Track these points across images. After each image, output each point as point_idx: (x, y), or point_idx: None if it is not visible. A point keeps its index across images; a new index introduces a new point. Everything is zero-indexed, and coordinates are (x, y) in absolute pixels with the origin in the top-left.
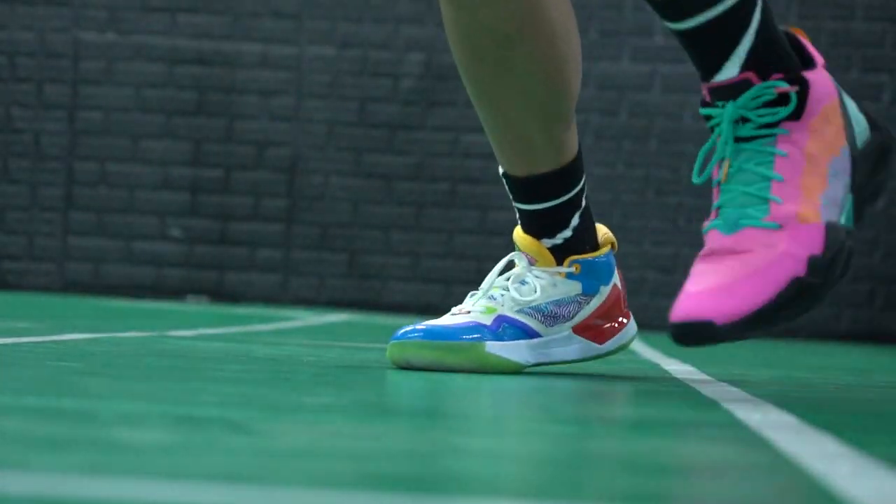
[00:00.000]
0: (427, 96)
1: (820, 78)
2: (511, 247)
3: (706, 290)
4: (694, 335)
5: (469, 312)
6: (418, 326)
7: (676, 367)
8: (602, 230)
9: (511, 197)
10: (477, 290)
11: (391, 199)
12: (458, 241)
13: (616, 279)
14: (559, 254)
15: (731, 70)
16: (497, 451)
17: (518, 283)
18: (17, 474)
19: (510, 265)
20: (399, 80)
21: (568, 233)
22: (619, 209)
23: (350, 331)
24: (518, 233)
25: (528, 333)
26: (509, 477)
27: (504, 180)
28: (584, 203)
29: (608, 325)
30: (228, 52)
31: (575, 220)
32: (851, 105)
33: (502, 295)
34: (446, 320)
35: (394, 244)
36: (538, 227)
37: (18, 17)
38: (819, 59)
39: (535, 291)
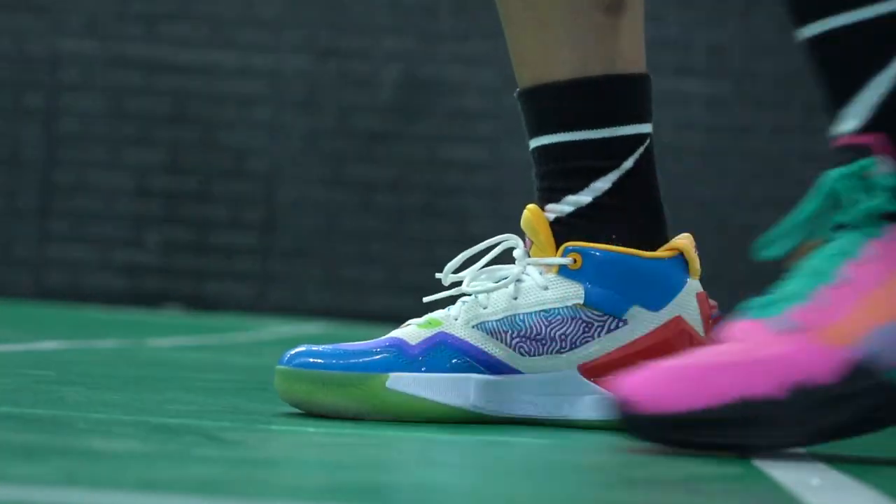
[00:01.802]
0: (406, 107)
1: None
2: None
3: (667, 368)
4: (623, 419)
5: (408, 325)
6: (313, 348)
7: None
8: (681, 238)
9: (526, 132)
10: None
11: (369, 209)
12: (437, 252)
13: (684, 308)
14: (564, 236)
15: (849, 122)
16: (469, 463)
17: (495, 280)
18: None
19: (508, 251)
20: (378, 91)
21: (584, 198)
22: None
23: (327, 341)
24: (531, 206)
25: (481, 362)
26: (483, 487)
27: (518, 102)
28: (630, 164)
29: None
30: (207, 61)
31: (602, 183)
32: None
33: (473, 300)
34: (366, 343)
35: (372, 254)
36: (543, 180)
37: None
38: None
39: (512, 295)
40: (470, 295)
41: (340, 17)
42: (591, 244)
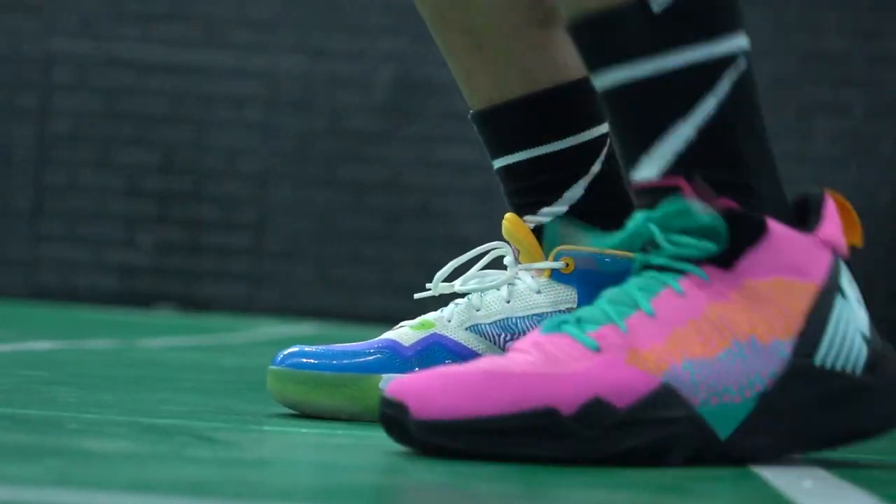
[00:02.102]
0: (399, 108)
1: (804, 245)
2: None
3: (448, 372)
4: (387, 419)
5: (401, 326)
6: (306, 348)
7: None
8: None
9: (487, 152)
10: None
11: (362, 210)
12: (429, 253)
13: None
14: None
15: (648, 168)
16: (462, 464)
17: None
18: None
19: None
20: (371, 92)
21: (560, 208)
22: None
23: (320, 341)
24: (508, 214)
25: None
26: (474, 487)
27: (474, 125)
28: (597, 168)
29: None
30: (200, 61)
31: (574, 192)
32: (855, 320)
33: (466, 302)
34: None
35: (365, 255)
36: (514, 196)
37: None
38: (829, 229)
39: (505, 298)
40: (463, 297)
41: (334, 18)
42: (583, 248)
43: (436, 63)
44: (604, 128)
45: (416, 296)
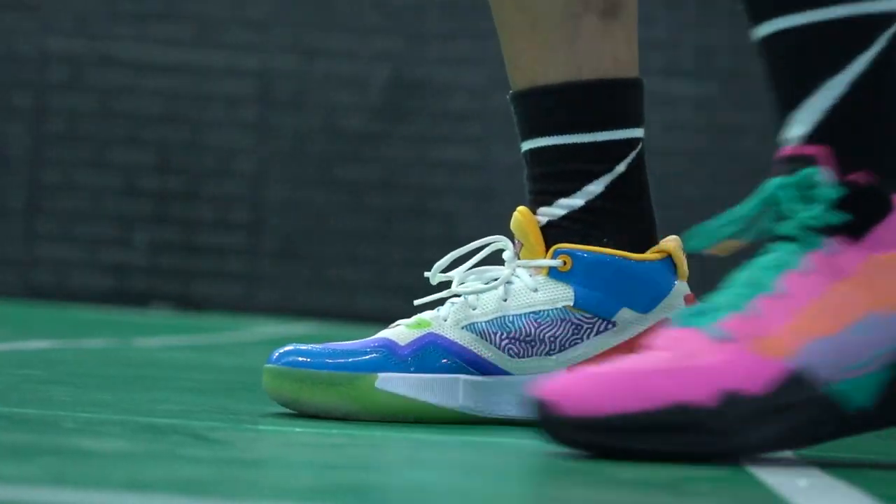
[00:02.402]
0: (394, 108)
1: None
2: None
3: (590, 372)
4: (542, 420)
5: (397, 325)
6: (301, 347)
7: None
8: (669, 240)
9: (518, 134)
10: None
11: (357, 210)
12: (425, 253)
13: (672, 310)
14: (554, 239)
15: (797, 128)
16: (458, 463)
17: (484, 281)
18: None
19: (499, 252)
20: (366, 92)
21: (577, 201)
22: None
23: (316, 341)
24: (521, 207)
25: (470, 363)
26: (470, 488)
27: (511, 105)
28: (622, 168)
29: None
30: (195, 61)
31: (595, 187)
32: None
33: (463, 300)
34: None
35: (360, 255)
36: (535, 182)
37: None
38: None
39: (501, 297)
40: (460, 296)
41: (328, 17)
42: (581, 246)
43: (431, 62)
44: (638, 132)
45: (417, 302)
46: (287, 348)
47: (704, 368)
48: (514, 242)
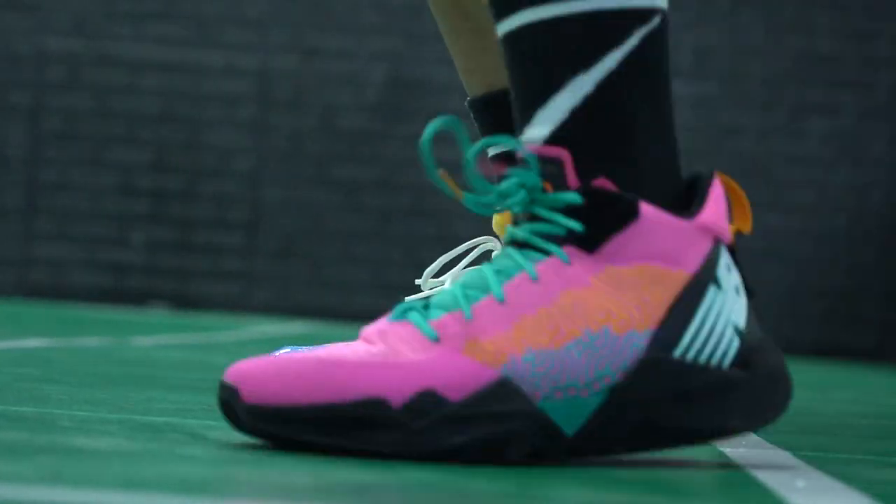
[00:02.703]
0: (391, 107)
1: (680, 231)
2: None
3: (283, 358)
4: (222, 403)
5: None
6: (298, 349)
7: None
8: None
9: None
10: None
11: (354, 209)
12: (421, 252)
13: None
14: None
15: (540, 127)
16: (451, 463)
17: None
18: None
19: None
20: (363, 91)
21: None
22: None
23: (312, 340)
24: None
25: None
26: (467, 484)
27: (471, 112)
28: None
29: None
30: (192, 60)
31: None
32: (728, 312)
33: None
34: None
35: (356, 254)
36: None
37: None
38: (711, 214)
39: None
40: None
41: (326, 17)
42: None
43: (428, 62)
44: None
45: (408, 299)
46: (283, 350)
47: (406, 365)
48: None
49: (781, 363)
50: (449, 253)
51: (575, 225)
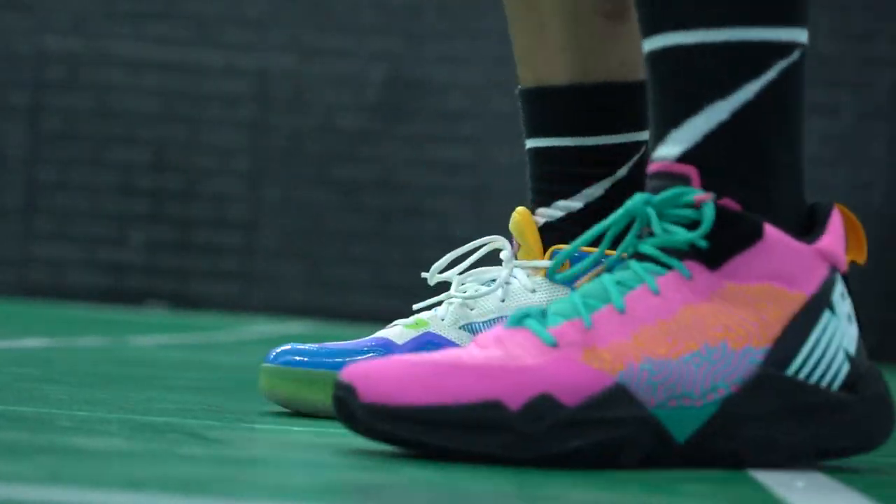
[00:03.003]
0: (390, 107)
1: (800, 254)
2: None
3: (401, 360)
4: (337, 400)
5: (395, 325)
6: (298, 346)
7: None
8: None
9: (523, 129)
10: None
11: (354, 209)
12: (421, 252)
13: None
14: (552, 241)
15: (672, 147)
16: (454, 461)
17: (482, 282)
18: None
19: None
20: (363, 91)
21: (575, 203)
22: None
23: (312, 340)
24: (520, 208)
25: None
26: (468, 484)
27: (519, 101)
28: (624, 172)
29: None
30: (192, 60)
31: (594, 190)
32: (841, 337)
33: (460, 300)
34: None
35: (356, 254)
36: (535, 181)
37: None
38: (830, 241)
39: (499, 297)
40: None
41: (325, 16)
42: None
43: (428, 62)
44: (643, 135)
45: (416, 307)
46: (284, 347)
47: (524, 369)
48: (511, 243)
49: (886, 390)
50: (456, 250)
51: (700, 241)
